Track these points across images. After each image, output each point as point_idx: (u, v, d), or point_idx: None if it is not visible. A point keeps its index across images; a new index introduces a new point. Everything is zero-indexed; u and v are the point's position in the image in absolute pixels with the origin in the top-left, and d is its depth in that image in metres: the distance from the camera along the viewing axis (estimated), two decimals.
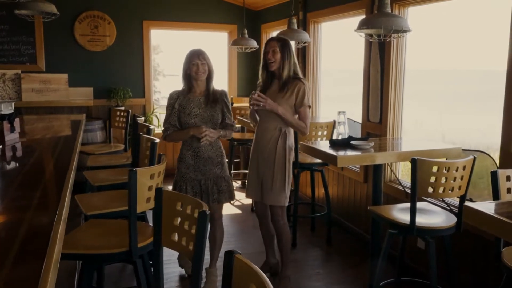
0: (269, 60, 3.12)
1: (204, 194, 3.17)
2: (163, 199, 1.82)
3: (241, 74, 6.96)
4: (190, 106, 3.11)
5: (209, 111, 3.11)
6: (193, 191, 3.16)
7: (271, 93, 3.17)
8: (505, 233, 1.70)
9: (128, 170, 2.14)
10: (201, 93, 3.15)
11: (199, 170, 3.15)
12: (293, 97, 3.13)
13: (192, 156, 3.15)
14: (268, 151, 3.19)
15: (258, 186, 3.27)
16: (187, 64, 3.08)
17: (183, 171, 3.18)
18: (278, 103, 3.09)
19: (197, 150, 3.14)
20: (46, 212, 1.79)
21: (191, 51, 3.10)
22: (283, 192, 3.21)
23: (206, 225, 1.51)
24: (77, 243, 2.26)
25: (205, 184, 3.17)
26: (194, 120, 3.08)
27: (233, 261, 1.19)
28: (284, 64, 3.11)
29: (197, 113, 3.09)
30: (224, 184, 3.22)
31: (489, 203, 2.01)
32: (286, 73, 3.13)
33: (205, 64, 3.07)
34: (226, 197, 3.24)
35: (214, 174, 3.18)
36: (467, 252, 3.12)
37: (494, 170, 2.21)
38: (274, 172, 3.18)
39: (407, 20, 3.03)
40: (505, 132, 2.83)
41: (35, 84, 5.87)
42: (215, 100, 3.13)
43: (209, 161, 3.16)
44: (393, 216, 2.79)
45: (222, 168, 3.24)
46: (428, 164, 2.53)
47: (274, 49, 3.11)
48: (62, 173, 2.30)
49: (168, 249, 1.91)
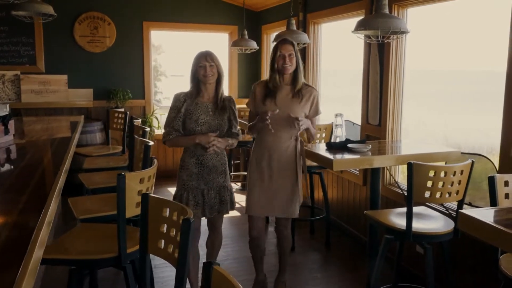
0: (285, 65, 2.92)
1: (207, 205, 2.97)
2: (150, 205, 1.77)
3: (241, 75, 6.92)
4: (198, 112, 2.91)
5: (217, 119, 2.93)
6: (195, 201, 2.95)
7: (283, 99, 3.00)
8: (501, 242, 1.64)
9: (117, 174, 2.11)
10: (209, 99, 2.95)
11: (202, 179, 2.96)
12: (308, 106, 3.02)
13: (196, 164, 2.95)
14: (285, 161, 3.03)
15: (269, 200, 3.06)
16: (195, 66, 2.88)
17: (185, 179, 2.97)
18: (295, 111, 2.95)
19: (201, 158, 2.95)
20: (30, 216, 1.75)
21: (199, 52, 2.91)
22: (298, 202, 3.10)
23: (190, 232, 1.47)
24: (65, 248, 2.22)
25: (208, 194, 2.97)
26: (201, 128, 2.89)
27: (212, 273, 1.15)
28: (299, 69, 2.98)
29: (205, 121, 2.90)
30: (227, 194, 3.04)
31: (486, 209, 1.96)
32: (301, 79, 3.00)
33: (214, 66, 2.86)
34: (228, 208, 3.06)
35: (218, 184, 2.99)
36: (466, 258, 3.07)
37: (491, 175, 2.16)
38: (293, 182, 3.05)
39: (405, 21, 2.98)
40: (505, 135, 2.77)
41: (35, 85, 5.85)
42: (223, 107, 2.95)
43: (214, 169, 2.97)
44: (390, 221, 2.74)
45: (225, 178, 3.05)
46: (424, 168, 2.48)
47: (291, 53, 2.93)
48: (52, 176, 2.27)
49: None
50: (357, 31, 3.03)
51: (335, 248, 4.23)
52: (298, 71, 2.98)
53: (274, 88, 3.00)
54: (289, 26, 4.43)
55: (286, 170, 3.04)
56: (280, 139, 3.02)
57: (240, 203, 5.48)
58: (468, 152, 3.18)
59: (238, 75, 6.91)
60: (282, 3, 5.72)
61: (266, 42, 6.56)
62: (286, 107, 2.96)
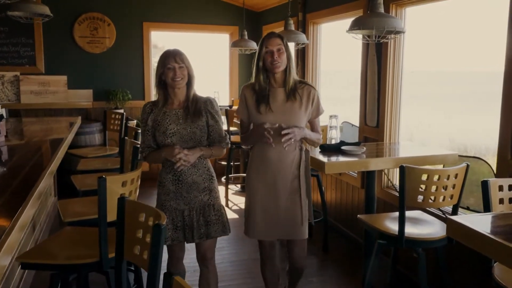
0: (274, 62, 2.47)
1: (188, 228, 2.51)
2: (126, 209, 1.72)
3: (242, 76, 6.86)
4: (166, 122, 2.45)
5: (190, 128, 2.46)
6: (173, 225, 2.50)
7: (279, 104, 2.55)
8: (489, 251, 1.57)
9: (97, 178, 2.06)
10: (179, 105, 2.50)
11: (182, 198, 2.51)
12: (309, 106, 2.57)
13: (173, 180, 2.50)
14: (292, 177, 2.58)
15: (278, 222, 2.61)
16: (161, 68, 2.43)
17: (162, 198, 2.54)
18: (296, 117, 2.53)
19: (179, 173, 2.49)
20: (4, 220, 1.71)
21: (166, 52, 2.47)
22: (307, 222, 2.66)
23: (161, 238, 1.41)
24: (46, 252, 2.18)
25: (189, 216, 2.51)
26: (171, 140, 2.43)
27: (172, 284, 1.09)
28: (291, 66, 2.53)
29: (174, 131, 2.44)
30: (214, 214, 2.54)
31: (477, 215, 1.88)
32: (293, 78, 2.55)
33: (184, 67, 2.43)
34: (218, 230, 2.55)
35: (200, 203, 2.53)
36: (462, 263, 2.98)
37: (484, 180, 2.08)
38: (302, 199, 2.60)
39: (400, 21, 2.91)
40: (502, 138, 2.69)
41: (34, 86, 5.84)
42: (197, 112, 2.47)
43: (194, 186, 2.51)
44: (383, 226, 2.66)
45: (211, 195, 2.56)
46: (417, 171, 2.41)
47: (280, 47, 2.48)
48: (34, 179, 2.22)
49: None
50: (352, 31, 2.97)
51: (333, 252, 4.16)
52: (289, 68, 2.53)
53: (263, 92, 2.55)
54: (287, 26, 4.36)
55: (292, 186, 2.59)
56: (284, 152, 2.55)
57: (238, 205, 5.44)
58: (466, 155, 3.10)
59: (239, 76, 6.86)
60: (283, 3, 5.65)
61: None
62: (283, 114, 2.53)
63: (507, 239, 1.46)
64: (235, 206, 5.41)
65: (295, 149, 2.58)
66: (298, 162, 2.59)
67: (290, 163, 2.57)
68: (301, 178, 2.59)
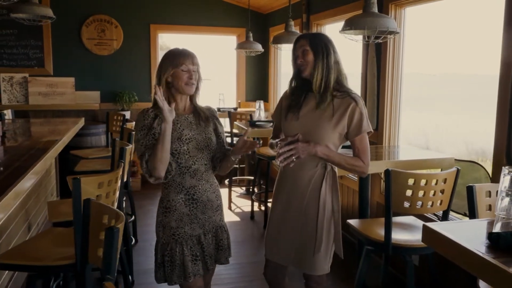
0: (300, 65, 2.22)
1: (207, 256, 2.20)
2: (91, 211, 1.70)
3: (249, 79, 6.83)
4: (178, 127, 2.14)
5: (204, 133, 2.19)
6: (192, 255, 2.15)
7: (308, 112, 2.22)
8: (462, 261, 1.50)
9: (72, 178, 2.04)
10: (185, 110, 2.21)
11: (197, 221, 2.17)
12: (344, 122, 2.17)
13: (186, 201, 2.16)
14: (307, 198, 2.22)
15: (291, 247, 2.29)
16: (171, 68, 2.09)
17: (173, 226, 2.14)
18: (320, 131, 2.17)
19: (192, 191, 2.16)
20: None
21: (177, 50, 2.15)
22: (328, 255, 2.27)
23: (113, 241, 1.38)
24: (24, 253, 2.17)
25: (205, 241, 2.20)
26: (188, 147, 2.13)
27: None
28: (317, 67, 2.17)
29: (190, 137, 2.15)
30: (225, 235, 2.29)
31: (457, 222, 1.81)
32: (324, 82, 2.17)
33: (196, 72, 2.14)
34: (227, 255, 2.29)
35: (214, 224, 2.24)
36: (454, 270, 2.88)
37: (470, 185, 1.99)
38: (317, 229, 2.21)
39: (393, 21, 2.83)
40: (497, 142, 2.59)
41: (42, 87, 5.92)
42: (206, 118, 2.23)
43: (209, 205, 2.20)
44: (371, 232, 2.59)
45: (221, 215, 2.31)
46: (403, 176, 2.33)
47: (305, 48, 2.19)
48: (14, 180, 2.21)
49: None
50: (344, 31, 2.91)
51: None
52: (316, 71, 2.17)
53: (296, 97, 2.27)
54: (287, 28, 4.32)
55: (307, 211, 2.23)
56: (302, 167, 2.21)
57: (241, 208, 5.40)
58: (461, 159, 3.00)
59: (246, 78, 6.83)
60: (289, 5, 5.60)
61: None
62: (308, 123, 2.20)
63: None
64: (237, 209, 5.37)
65: (316, 167, 2.21)
66: (320, 182, 2.21)
67: (307, 183, 2.22)
68: (320, 202, 2.20)
